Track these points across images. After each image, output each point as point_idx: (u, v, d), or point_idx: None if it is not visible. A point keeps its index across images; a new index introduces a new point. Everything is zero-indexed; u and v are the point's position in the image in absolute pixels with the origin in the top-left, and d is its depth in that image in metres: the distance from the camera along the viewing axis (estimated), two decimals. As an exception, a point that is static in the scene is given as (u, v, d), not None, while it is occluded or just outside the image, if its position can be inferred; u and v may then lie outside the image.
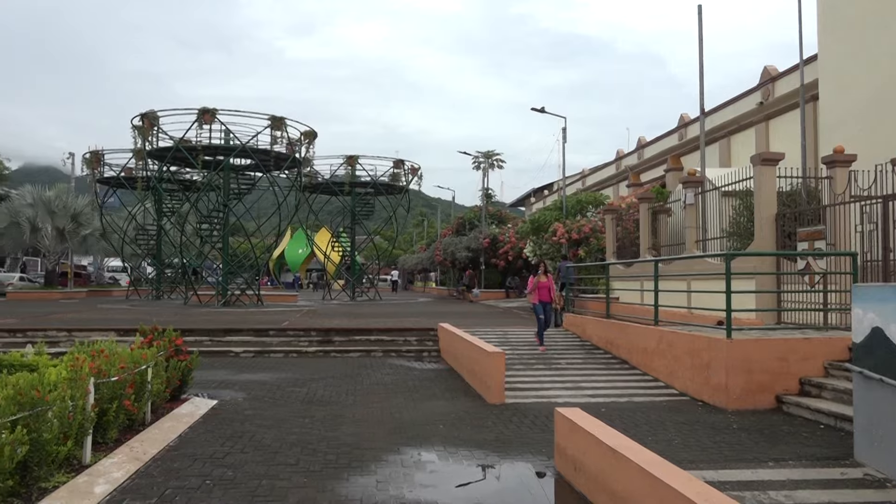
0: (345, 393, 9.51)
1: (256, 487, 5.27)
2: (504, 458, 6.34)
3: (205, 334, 14.19)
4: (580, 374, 10.90)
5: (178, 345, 8.48)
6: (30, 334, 13.95)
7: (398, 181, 34.47)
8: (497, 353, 9.35)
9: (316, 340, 14.36)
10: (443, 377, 11.17)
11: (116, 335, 13.06)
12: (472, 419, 7.95)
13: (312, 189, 34.23)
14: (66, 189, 37.73)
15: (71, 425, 5.21)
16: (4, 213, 35.26)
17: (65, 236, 35.56)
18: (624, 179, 34.91)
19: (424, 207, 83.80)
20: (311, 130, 27.20)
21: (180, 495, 5.05)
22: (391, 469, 5.85)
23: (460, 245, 37.17)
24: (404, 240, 73.79)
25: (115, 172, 32.78)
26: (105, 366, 6.25)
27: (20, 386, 4.88)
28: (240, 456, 6.16)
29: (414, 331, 14.95)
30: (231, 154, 25.61)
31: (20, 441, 4.46)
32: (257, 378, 10.71)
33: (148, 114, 24.84)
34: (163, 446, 6.38)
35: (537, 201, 49.88)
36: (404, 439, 6.91)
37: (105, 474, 5.34)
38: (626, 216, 19.33)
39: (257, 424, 7.47)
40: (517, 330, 14.94)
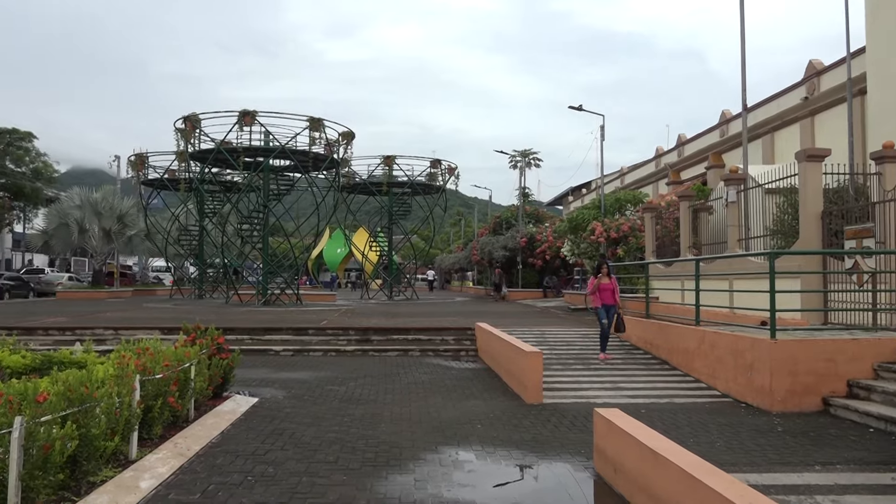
0: (383, 392, 9.57)
1: (296, 484, 5.33)
2: (542, 458, 6.30)
3: (246, 333, 14.42)
4: (619, 374, 10.78)
5: (220, 343, 8.63)
6: (78, 332, 14.35)
7: (435, 181, 34.56)
8: (534, 352, 9.30)
9: (354, 339, 14.48)
10: (480, 377, 11.16)
11: (161, 333, 13.35)
12: (509, 419, 7.93)
13: (350, 189, 34.52)
14: (112, 191, 38.73)
15: (118, 421, 5.34)
16: (54, 214, 36.38)
17: (111, 237, 36.52)
18: (663, 177, 34.42)
19: (461, 207, 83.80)
20: (348, 131, 27.42)
21: (223, 491, 5.14)
22: (429, 468, 5.87)
23: (497, 244, 37.07)
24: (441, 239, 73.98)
25: (159, 174, 33.53)
26: (150, 363, 6.39)
27: (70, 382, 5.02)
28: (280, 453, 6.25)
29: (451, 330, 14.96)
30: (271, 155, 25.97)
31: (70, 436, 4.59)
32: (297, 376, 10.84)
33: (190, 117, 25.33)
34: (206, 443, 6.50)
35: (575, 200, 49.48)
36: (442, 438, 6.92)
37: (150, 469, 5.46)
38: (665, 215, 19.05)
39: (297, 422, 7.56)
40: (555, 329, 14.85)
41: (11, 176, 41.83)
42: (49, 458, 4.31)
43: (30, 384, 4.85)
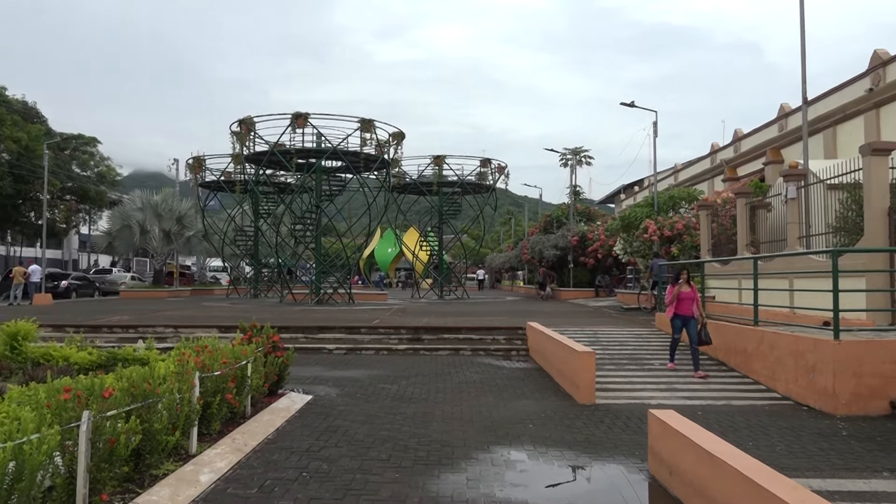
0: (434, 391, 9.61)
1: (350, 481, 5.40)
2: (595, 459, 6.23)
3: (300, 331, 14.66)
4: (674, 375, 10.57)
5: (276, 341, 8.80)
6: (140, 330, 14.85)
7: (485, 180, 34.50)
8: (587, 352, 9.21)
9: (406, 338, 14.57)
10: (531, 376, 11.10)
11: (218, 332, 13.71)
12: (561, 419, 7.87)
13: (401, 189, 34.76)
14: (171, 193, 39.95)
15: (178, 417, 5.50)
16: (117, 216, 37.74)
17: (170, 238, 37.69)
18: (719, 174, 33.59)
19: (511, 206, 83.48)
20: (398, 132, 27.62)
21: (279, 486, 5.24)
22: (481, 467, 5.87)
23: (548, 243, 36.79)
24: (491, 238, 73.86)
25: (216, 176, 34.38)
26: (209, 361, 6.56)
27: (133, 379, 5.20)
28: (334, 450, 6.34)
29: (502, 329, 14.92)
30: (323, 156, 26.35)
31: (134, 430, 4.75)
32: (349, 374, 10.98)
33: (245, 120, 25.90)
34: (262, 439, 6.64)
35: (627, 198, 48.74)
36: (494, 438, 6.91)
37: (209, 464, 5.61)
38: (721, 212, 18.59)
39: (350, 420, 7.66)
40: (607, 329, 14.66)
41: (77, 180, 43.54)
42: (114, 452, 4.47)
43: (96, 380, 5.04)
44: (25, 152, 36.91)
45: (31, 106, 41.90)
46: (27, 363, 8.75)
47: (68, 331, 14.29)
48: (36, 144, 36.44)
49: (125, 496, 4.62)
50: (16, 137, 36.50)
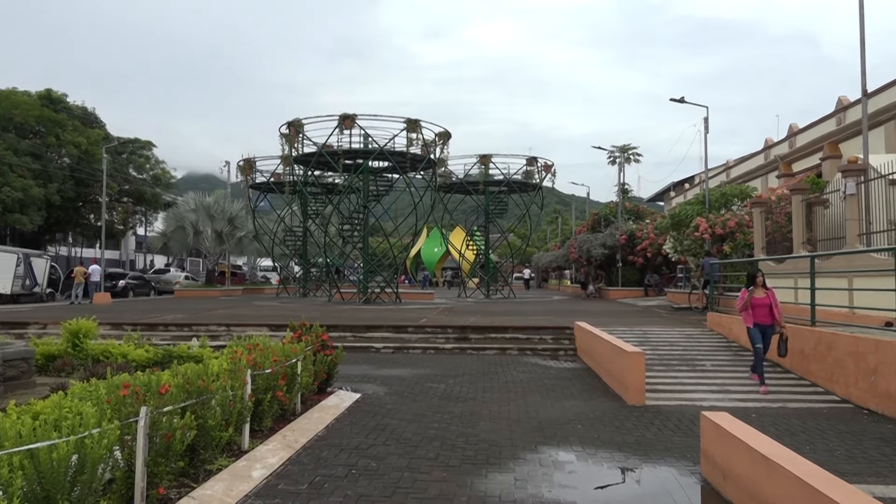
0: (481, 390, 9.60)
1: (398, 479, 5.44)
2: (645, 461, 6.14)
3: (348, 330, 14.83)
4: (727, 376, 10.33)
5: (325, 340, 8.92)
6: (194, 328, 15.24)
7: (531, 178, 34.32)
8: (636, 352, 9.07)
9: (452, 337, 14.60)
10: (580, 376, 10.99)
11: (269, 330, 13.98)
12: (610, 420, 7.77)
13: (447, 189, 34.83)
14: (223, 195, 40.89)
15: (231, 413, 5.62)
16: (171, 218, 38.81)
17: (222, 238, 38.57)
18: (773, 170, 32.67)
19: (558, 204, 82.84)
20: (444, 131, 27.67)
21: (329, 483, 5.31)
22: (529, 467, 5.84)
23: (595, 242, 36.38)
24: (538, 237, 73.40)
25: (265, 178, 35.04)
26: (260, 359, 6.69)
27: (188, 376, 5.33)
28: (382, 448, 6.39)
29: (549, 329, 14.82)
30: (370, 157, 26.58)
31: (189, 426, 4.87)
32: (397, 373, 11.05)
33: (293, 122, 26.32)
34: (312, 436, 6.74)
35: (677, 195, 47.83)
36: (542, 438, 6.87)
37: (261, 460, 5.72)
38: (776, 209, 18.08)
39: (398, 418, 7.71)
40: (657, 329, 14.41)
41: (134, 182, 44.91)
42: (171, 447, 4.59)
43: (153, 377, 5.19)
44: (85, 156, 38.25)
45: (90, 112, 43.39)
46: (88, 360, 9.07)
47: (126, 329, 14.76)
48: (95, 149, 37.74)
49: (181, 490, 4.74)
50: (76, 142, 37.86)
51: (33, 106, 37.09)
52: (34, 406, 4.28)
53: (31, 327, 15.46)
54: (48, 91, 40.44)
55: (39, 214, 35.14)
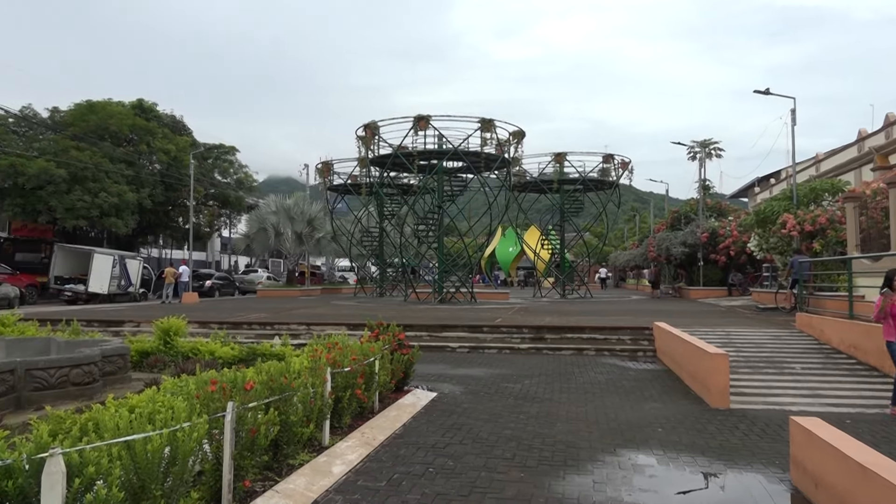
0: (558, 391, 9.50)
1: (475, 479, 5.45)
2: (730, 466, 5.93)
3: (423, 329, 14.96)
4: (818, 380, 9.85)
5: (401, 339, 9.04)
6: (276, 327, 15.72)
7: (608, 176, 33.72)
8: (720, 354, 8.78)
9: (528, 337, 14.51)
10: (659, 378, 10.72)
11: (347, 329, 14.27)
12: (692, 423, 7.54)
13: (521, 188, 34.63)
14: (302, 197, 41.99)
15: (312, 410, 5.77)
16: (254, 220, 40.15)
17: (302, 239, 39.62)
18: (868, 163, 30.90)
19: (636, 202, 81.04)
20: (519, 130, 27.54)
21: (406, 480, 5.38)
22: (608, 470, 5.74)
23: (675, 240, 35.38)
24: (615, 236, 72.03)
25: (343, 180, 35.77)
26: (339, 357, 6.84)
27: (271, 373, 5.51)
28: (459, 447, 6.42)
29: (627, 329, 14.52)
30: (444, 157, 26.75)
31: (273, 422, 5.03)
32: (472, 373, 11.07)
33: (370, 124, 26.77)
34: (389, 434, 6.84)
35: (762, 191, 45.94)
36: (620, 441, 6.74)
37: (341, 456, 5.85)
38: (871, 204, 17.11)
39: (474, 418, 7.73)
40: (741, 330, 13.89)
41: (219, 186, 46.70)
42: (255, 441, 4.75)
43: (238, 374, 5.39)
44: (174, 162, 40.05)
45: (178, 119, 45.39)
46: (178, 357, 9.50)
47: (213, 327, 15.37)
48: (183, 155, 39.46)
49: (265, 483, 4.91)
50: (166, 149, 39.69)
51: (127, 115, 39.12)
52: (130, 400, 4.52)
53: (126, 325, 16.32)
54: (140, 101, 42.56)
55: (133, 218, 37.02)
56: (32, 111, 37.52)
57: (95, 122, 37.15)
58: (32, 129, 37.77)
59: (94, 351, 7.42)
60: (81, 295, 28.51)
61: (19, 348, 8.24)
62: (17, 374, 6.58)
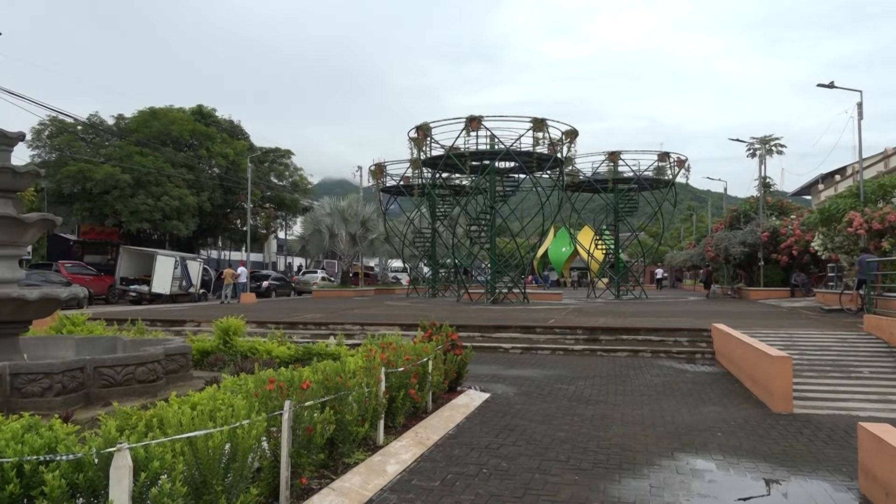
0: (613, 393, 9.37)
1: (529, 480, 5.42)
2: (794, 473, 5.74)
3: (476, 330, 14.95)
4: (887, 384, 9.45)
5: (454, 340, 9.06)
6: (331, 327, 15.94)
7: (663, 175, 33.08)
8: (782, 357, 8.51)
9: (582, 339, 14.35)
10: (718, 381, 10.46)
11: (400, 329, 14.37)
12: (753, 428, 7.33)
13: (574, 188, 34.27)
14: (356, 199, 42.54)
15: (367, 409, 5.83)
16: (309, 222, 40.90)
17: (356, 241, 40.14)
18: (941, 157, 29.52)
19: (693, 201, 79.25)
20: (571, 129, 27.27)
21: (460, 481, 5.38)
22: (665, 474, 5.63)
23: (734, 240, 34.43)
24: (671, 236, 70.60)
25: (395, 181, 36.08)
26: (393, 357, 6.89)
27: (327, 372, 5.59)
28: (512, 448, 6.39)
29: (684, 331, 14.21)
30: (496, 158, 26.67)
31: (328, 420, 5.11)
32: (525, 374, 11.01)
33: (422, 126, 26.90)
34: (443, 434, 6.86)
35: (826, 188, 44.35)
36: (678, 445, 6.60)
37: (395, 455, 5.90)
38: (945, 201, 16.33)
39: (528, 419, 7.69)
40: (805, 332, 13.43)
41: (275, 189, 47.69)
42: (312, 439, 4.83)
43: (295, 373, 5.49)
44: (232, 166, 41.11)
45: (236, 124, 46.57)
46: (237, 356, 9.73)
47: (270, 327, 15.69)
48: (240, 159, 40.46)
49: (321, 481, 4.99)
50: (224, 153, 40.78)
51: (187, 121, 40.36)
52: (192, 397, 4.65)
53: (188, 325, 16.81)
54: (199, 107, 43.84)
55: (193, 221, 38.17)
56: (99, 119, 39.09)
57: (158, 129, 38.45)
58: (99, 136, 39.33)
59: (158, 350, 7.67)
60: (145, 295, 29.51)
61: (88, 347, 8.58)
62: (86, 371, 6.85)
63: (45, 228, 7.67)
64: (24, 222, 7.16)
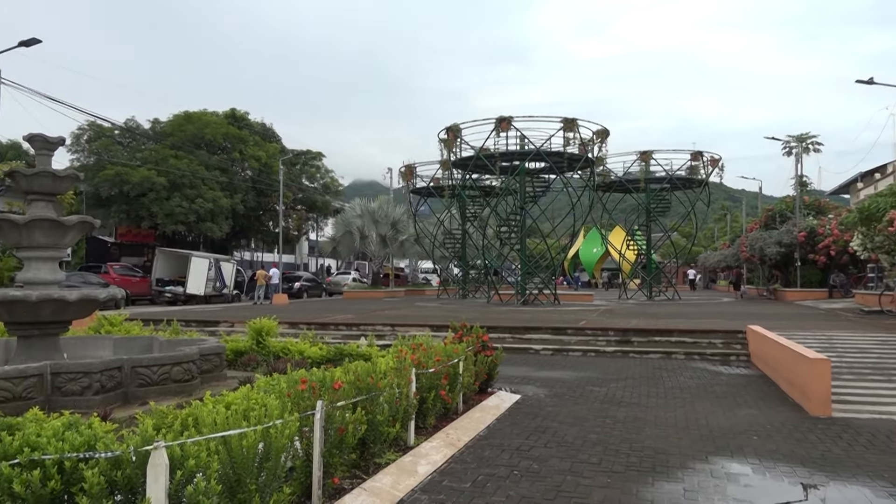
0: (645, 395, 9.27)
1: (561, 482, 5.39)
2: (833, 478, 5.61)
3: (507, 331, 14.91)
4: (931, 388, 9.19)
5: (485, 341, 9.04)
6: (362, 328, 16.04)
7: (696, 174, 32.64)
8: (821, 359, 8.33)
9: (614, 340, 14.22)
10: (754, 384, 10.29)
11: (431, 330, 14.39)
12: (790, 432, 7.19)
13: (606, 188, 34.01)
14: (386, 200, 42.74)
15: (398, 410, 5.85)
16: (340, 223, 41.23)
17: (386, 242, 40.34)
18: None
19: (727, 200, 78.09)
20: (603, 129, 27.06)
21: (491, 482, 5.37)
22: (699, 478, 5.55)
23: (770, 240, 33.84)
24: (704, 236, 69.64)
25: (425, 183, 36.16)
26: (423, 358, 6.91)
27: (358, 373, 5.62)
28: (543, 450, 6.36)
29: (719, 332, 14.00)
30: (526, 158, 26.58)
31: (360, 421, 5.14)
32: (556, 375, 10.95)
33: (452, 127, 26.93)
34: (473, 435, 6.85)
35: (866, 187, 43.24)
36: (712, 448, 6.50)
37: (426, 456, 5.91)
38: None
39: (559, 421, 7.64)
40: (844, 335, 13.13)
41: (306, 191, 48.13)
42: (343, 439, 4.87)
43: (327, 373, 5.53)
44: (265, 169, 41.60)
45: (268, 127, 47.11)
46: (270, 356, 9.84)
47: (302, 328, 15.84)
48: (273, 161, 40.93)
49: (353, 481, 5.02)
50: (257, 156, 41.29)
51: (220, 125, 40.95)
52: (226, 397, 4.71)
53: (222, 325, 17.05)
54: (233, 110, 44.44)
55: (227, 223, 38.69)
56: (135, 123, 39.86)
57: (192, 132, 39.09)
58: (136, 140, 40.12)
59: (193, 350, 7.79)
60: (180, 296, 30.01)
61: (125, 347, 8.75)
62: (124, 370, 6.99)
63: (84, 231, 7.84)
64: (64, 225, 7.33)
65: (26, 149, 35.99)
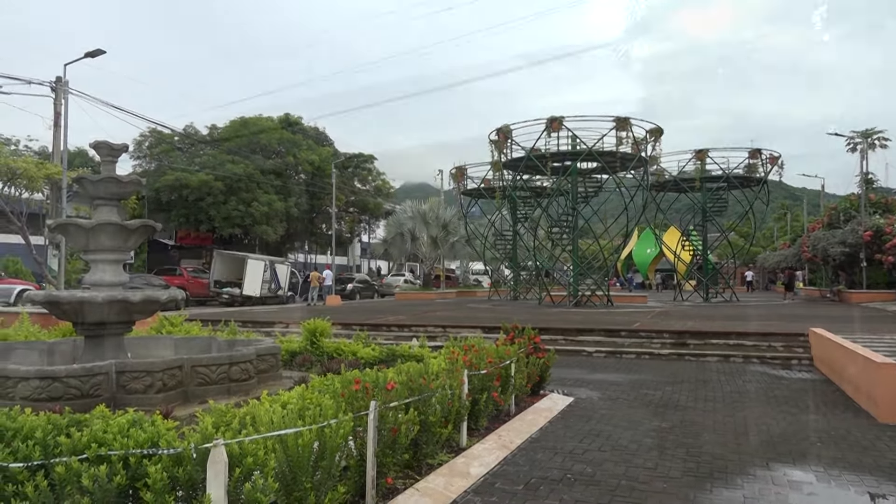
0: (702, 399, 9.05)
1: (615, 487, 5.31)
2: (903, 488, 5.38)
3: (559, 333, 14.78)
4: None
5: (537, 342, 8.99)
6: (414, 329, 16.13)
7: (754, 172, 31.79)
8: (889, 363, 7.99)
9: (669, 343, 13.95)
10: (817, 389, 9.94)
11: (482, 332, 14.37)
12: (857, 439, 6.92)
13: (660, 187, 33.42)
14: (437, 202, 42.93)
15: (450, 411, 5.86)
16: (391, 225, 41.62)
17: (437, 243, 40.52)
18: None
19: (786, 199, 75.66)
20: (656, 128, 26.61)
21: (544, 486, 5.33)
22: (760, 485, 5.39)
23: (833, 240, 32.67)
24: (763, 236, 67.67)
25: (476, 184, 36.17)
26: (475, 359, 6.90)
27: (411, 374, 5.66)
28: (597, 454, 6.28)
29: (779, 335, 13.58)
30: (578, 158, 26.32)
31: (412, 421, 5.17)
32: (610, 378, 10.80)
33: (502, 128, 26.87)
34: (526, 437, 6.81)
35: (937, 184, 41.34)
36: (773, 454, 6.30)
37: (478, 458, 5.90)
38: None
39: (613, 424, 7.53)
40: (914, 338, 12.58)
41: (358, 194, 48.74)
42: (396, 440, 4.90)
43: (380, 374, 5.58)
44: (318, 172, 42.32)
45: (321, 131, 47.91)
46: (324, 356, 9.98)
47: (354, 329, 16.03)
48: (326, 165, 41.58)
49: (406, 481, 5.05)
50: (310, 160, 42.03)
51: (275, 129, 41.85)
52: (282, 396, 4.80)
53: (277, 326, 17.39)
54: (287, 115, 45.34)
55: (281, 225, 39.49)
56: (194, 129, 41.05)
57: (248, 137, 40.05)
58: (194, 145, 41.31)
59: (250, 350, 7.96)
60: (237, 297, 30.72)
61: (186, 346, 9.00)
62: (184, 370, 7.19)
63: (146, 234, 8.10)
64: (127, 228, 7.59)
65: (92, 155, 37.48)
